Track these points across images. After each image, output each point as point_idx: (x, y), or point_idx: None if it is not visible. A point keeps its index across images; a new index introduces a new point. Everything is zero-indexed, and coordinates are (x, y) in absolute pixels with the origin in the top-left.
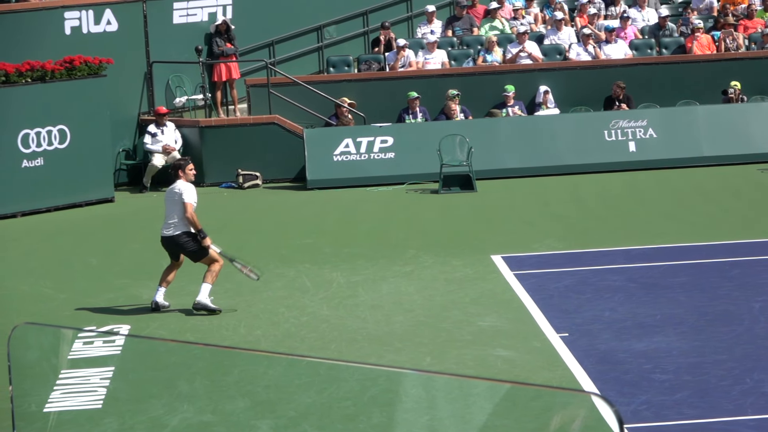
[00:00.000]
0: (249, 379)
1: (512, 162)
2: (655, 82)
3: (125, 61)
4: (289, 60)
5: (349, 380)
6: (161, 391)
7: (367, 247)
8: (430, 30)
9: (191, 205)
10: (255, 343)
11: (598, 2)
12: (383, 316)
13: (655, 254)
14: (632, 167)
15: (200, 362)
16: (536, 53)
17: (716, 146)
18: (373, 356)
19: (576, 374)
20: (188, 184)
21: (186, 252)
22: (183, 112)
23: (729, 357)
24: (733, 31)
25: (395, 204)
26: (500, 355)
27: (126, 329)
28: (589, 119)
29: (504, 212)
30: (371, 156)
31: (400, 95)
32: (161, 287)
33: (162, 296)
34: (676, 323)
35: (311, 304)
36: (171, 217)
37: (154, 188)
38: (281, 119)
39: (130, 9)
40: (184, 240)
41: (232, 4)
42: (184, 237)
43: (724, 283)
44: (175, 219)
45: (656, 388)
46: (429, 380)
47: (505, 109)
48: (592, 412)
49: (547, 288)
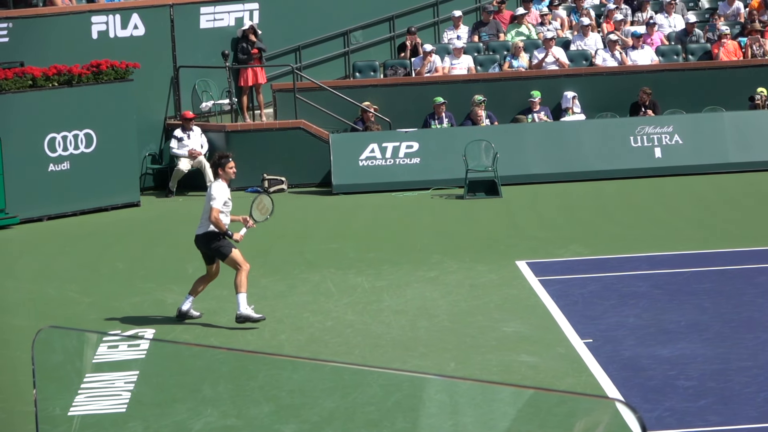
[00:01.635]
0: (273, 383)
1: (538, 168)
2: (681, 88)
3: (152, 65)
4: (316, 65)
5: (372, 385)
6: (185, 396)
7: (391, 252)
8: (456, 35)
9: (216, 210)
10: (279, 348)
11: (624, 8)
12: (407, 322)
13: (680, 260)
14: (658, 173)
15: (224, 366)
16: (563, 59)
17: (742, 152)
18: (397, 361)
19: (600, 380)
20: (221, 186)
21: (210, 250)
22: (209, 117)
23: (753, 364)
24: (760, 38)
25: (420, 209)
26: (524, 360)
27: (151, 333)
28: (614, 125)
29: (529, 218)
30: (397, 161)
31: (425, 101)
32: (190, 296)
33: (189, 304)
34: (701, 330)
35: (336, 309)
36: (202, 216)
37: (180, 192)
38: (307, 124)
39: (157, 13)
40: (209, 238)
41: (259, 9)
42: (204, 238)
43: (749, 290)
44: (204, 218)
45: (680, 395)
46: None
47: (530, 114)
48: (616, 418)
49: (572, 294)
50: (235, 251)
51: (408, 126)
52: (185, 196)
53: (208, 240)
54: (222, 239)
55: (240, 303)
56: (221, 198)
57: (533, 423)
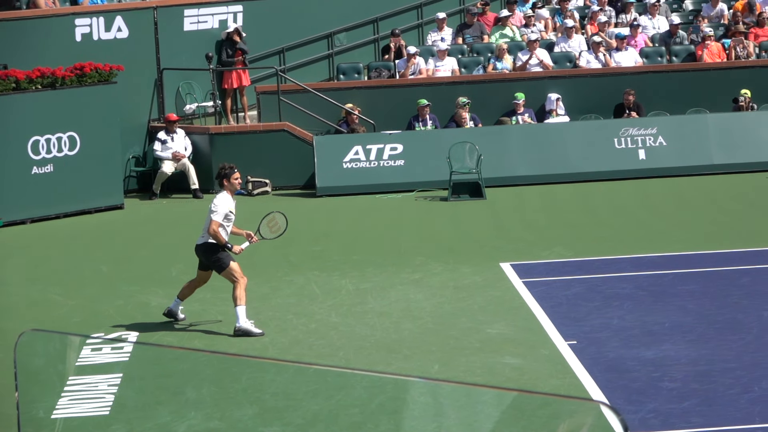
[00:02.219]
0: (257, 386)
1: (522, 169)
2: (665, 90)
3: (136, 68)
4: (300, 67)
5: (356, 387)
6: (169, 398)
7: (376, 254)
8: (440, 37)
9: (216, 223)
10: (263, 351)
11: (608, 10)
12: (392, 324)
13: (664, 262)
14: (642, 175)
15: (208, 369)
16: (546, 61)
17: (726, 154)
18: (381, 364)
19: (584, 382)
20: (225, 198)
21: (209, 262)
22: (193, 119)
23: (737, 365)
24: (744, 39)
25: (404, 211)
26: (508, 362)
27: (134, 336)
28: (598, 127)
29: (513, 220)
30: (381, 163)
31: (410, 103)
32: (178, 299)
33: (177, 306)
34: (685, 331)
35: (320, 311)
36: (204, 226)
37: (163, 195)
38: (291, 126)
39: (141, 16)
40: (204, 250)
41: (243, 12)
42: (203, 247)
43: (733, 291)
44: (205, 229)
45: (664, 396)
46: (436, 388)
47: (515, 116)
48: (600, 420)
49: (556, 296)
50: (233, 264)
51: (392, 128)
52: (169, 199)
53: (206, 251)
54: (222, 251)
55: (239, 316)
56: (223, 210)
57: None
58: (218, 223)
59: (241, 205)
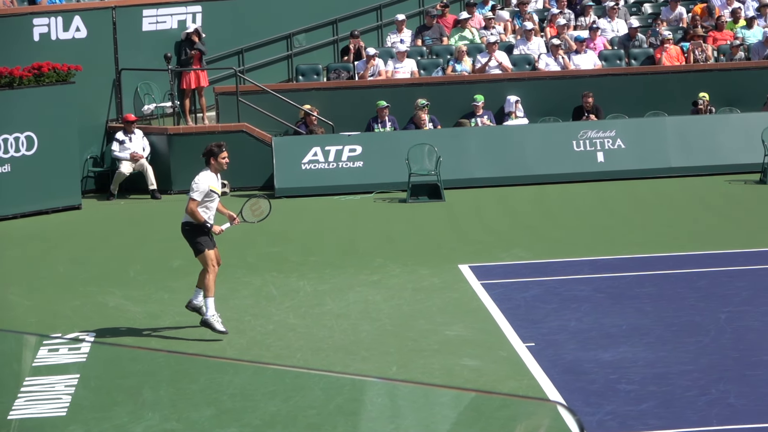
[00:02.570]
0: (214, 387)
1: (480, 172)
2: (623, 92)
3: (94, 68)
4: (258, 68)
5: (314, 389)
6: (126, 399)
7: (334, 255)
8: (399, 39)
9: (194, 202)
10: (221, 351)
11: (567, 13)
12: (350, 325)
13: (622, 264)
14: (600, 178)
15: (165, 370)
16: (506, 63)
17: (684, 157)
18: (339, 365)
19: (542, 384)
20: (207, 175)
21: (189, 243)
22: (151, 120)
23: (695, 368)
24: (702, 43)
25: (363, 213)
26: (466, 364)
27: (91, 337)
28: (557, 129)
29: (472, 222)
30: (339, 165)
31: (369, 104)
32: (199, 289)
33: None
34: (642, 333)
35: (278, 313)
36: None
37: (121, 196)
38: (249, 127)
39: (100, 16)
40: (186, 230)
41: (202, 12)
42: (186, 227)
43: (690, 294)
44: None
45: (622, 399)
46: (394, 389)
47: (474, 118)
48: (557, 421)
49: (514, 298)
50: (210, 252)
51: (351, 129)
52: (127, 200)
53: (187, 231)
54: (203, 235)
55: (208, 307)
56: (203, 187)
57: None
58: (196, 202)
59: None
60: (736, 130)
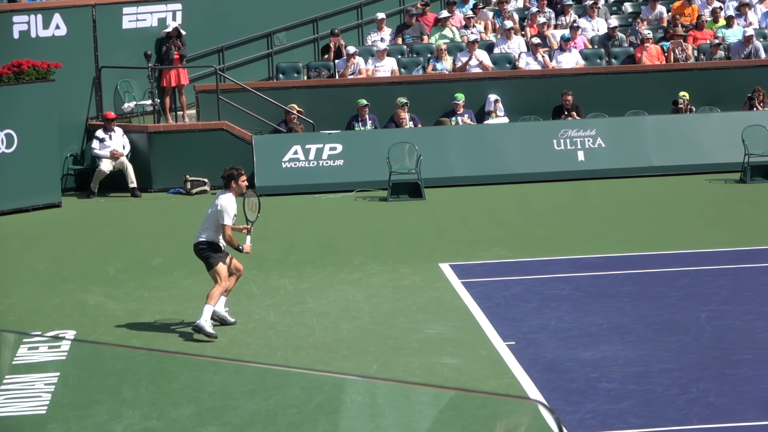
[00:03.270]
0: (195, 385)
1: (461, 170)
2: (604, 92)
3: (74, 65)
4: (239, 66)
5: (295, 387)
6: (106, 397)
7: (314, 254)
8: (380, 38)
9: (229, 228)
10: (201, 349)
11: (548, 11)
12: (330, 324)
13: (603, 263)
14: (581, 176)
15: (145, 368)
16: (486, 62)
17: (664, 156)
18: (320, 363)
19: (522, 383)
20: (231, 200)
21: (201, 259)
22: (131, 118)
23: (675, 366)
24: (683, 42)
25: (343, 211)
26: (447, 363)
27: (71, 335)
28: (538, 128)
29: (452, 220)
30: (320, 163)
31: (349, 103)
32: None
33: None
34: (623, 332)
35: (258, 311)
36: (203, 225)
37: (101, 194)
38: (230, 125)
39: (80, 13)
40: (201, 248)
41: (182, 10)
42: (202, 245)
43: (671, 293)
44: (205, 226)
45: (602, 397)
46: (374, 387)
47: (454, 117)
48: (537, 420)
49: (494, 296)
50: (222, 266)
51: (331, 128)
52: (107, 197)
53: (198, 250)
54: (209, 251)
55: (204, 313)
56: (231, 212)
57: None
58: (229, 227)
59: (181, 204)
60: (716, 129)
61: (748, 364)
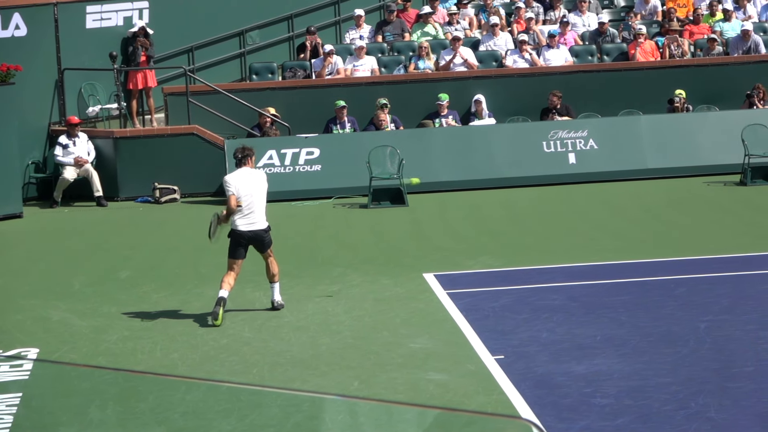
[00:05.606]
0: (165, 405)
1: (446, 175)
2: (596, 90)
3: (35, 68)
4: (210, 67)
5: (271, 406)
6: (71, 419)
7: (291, 264)
8: (358, 35)
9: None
10: (172, 368)
11: (536, 6)
12: (308, 338)
13: (597, 272)
14: (572, 180)
15: (113, 388)
16: (471, 60)
17: (660, 158)
18: (298, 381)
19: (512, 399)
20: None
21: (267, 244)
22: (96, 123)
23: (673, 380)
24: (678, 37)
25: (322, 219)
26: (432, 378)
27: (34, 353)
28: (526, 130)
29: (437, 228)
30: (296, 168)
31: (327, 104)
32: (273, 284)
33: (276, 294)
34: (618, 344)
35: (232, 326)
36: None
37: (65, 203)
38: (201, 130)
39: (41, 13)
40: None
41: (149, 8)
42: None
43: (668, 302)
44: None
45: (596, 413)
46: (355, 406)
47: (438, 119)
48: None
49: (482, 308)
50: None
51: (308, 131)
52: (71, 207)
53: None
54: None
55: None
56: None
57: None
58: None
59: (149, 213)
60: (714, 129)
61: (749, 377)
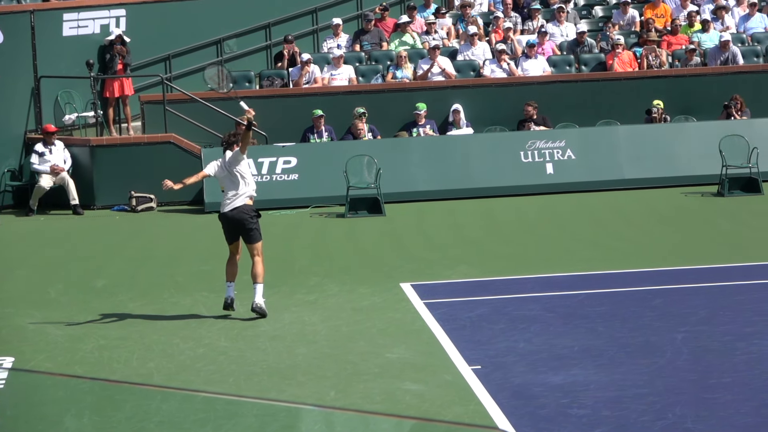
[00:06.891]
0: (141, 415)
1: (423, 184)
2: (573, 100)
3: (11, 75)
4: (187, 75)
5: (247, 416)
6: (47, 428)
7: (268, 274)
8: (336, 44)
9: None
10: (147, 377)
11: (514, 16)
12: (285, 348)
13: (574, 282)
14: (550, 190)
15: (89, 397)
16: (449, 69)
17: (638, 169)
18: (274, 390)
19: (489, 409)
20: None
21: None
22: (73, 131)
23: (650, 391)
24: (656, 48)
25: (299, 229)
26: (409, 389)
27: (9, 362)
28: (504, 139)
29: (414, 237)
30: (273, 177)
31: (304, 113)
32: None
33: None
34: (595, 355)
35: (208, 335)
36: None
37: (41, 211)
38: (177, 138)
39: (17, 20)
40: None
41: (126, 16)
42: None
43: (645, 313)
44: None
45: (573, 424)
46: (331, 416)
47: (415, 128)
48: None
49: (459, 318)
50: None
51: (285, 140)
52: (47, 215)
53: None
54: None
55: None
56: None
57: None
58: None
59: (126, 222)
60: (692, 139)
61: (727, 388)
